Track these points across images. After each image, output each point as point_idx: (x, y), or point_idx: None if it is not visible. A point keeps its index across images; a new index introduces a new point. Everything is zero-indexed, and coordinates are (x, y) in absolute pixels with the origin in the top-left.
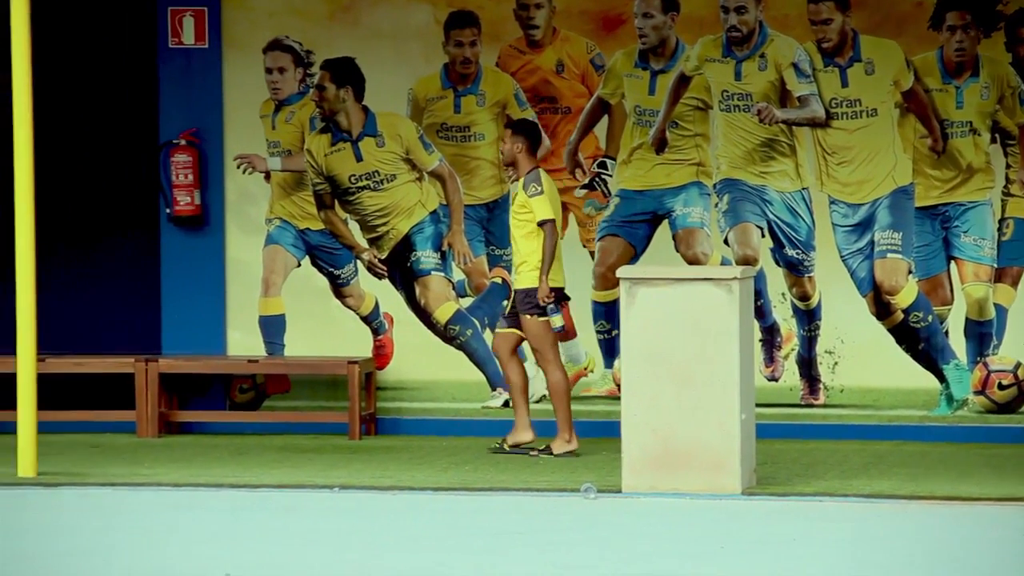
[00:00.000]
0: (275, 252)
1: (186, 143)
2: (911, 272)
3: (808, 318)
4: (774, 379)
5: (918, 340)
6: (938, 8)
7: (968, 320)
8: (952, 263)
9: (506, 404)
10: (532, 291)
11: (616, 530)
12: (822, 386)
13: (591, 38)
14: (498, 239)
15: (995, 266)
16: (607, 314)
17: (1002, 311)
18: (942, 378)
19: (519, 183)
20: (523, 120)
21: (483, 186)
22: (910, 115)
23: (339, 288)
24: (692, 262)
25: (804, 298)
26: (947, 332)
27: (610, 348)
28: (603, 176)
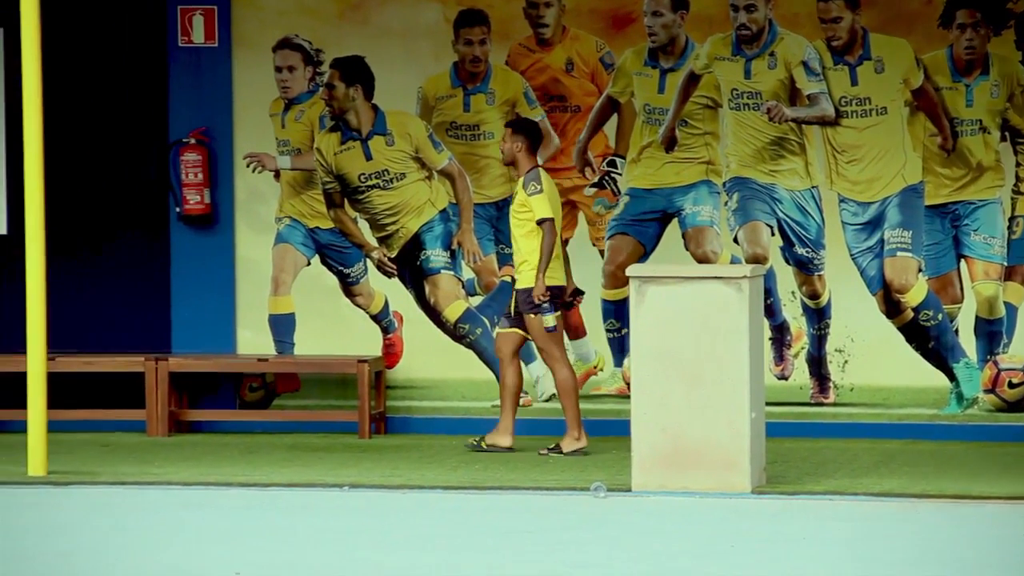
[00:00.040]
0: (285, 251)
1: (196, 142)
2: (921, 270)
3: (818, 317)
4: (784, 378)
5: (928, 338)
6: (948, 6)
7: (978, 318)
8: (962, 261)
9: None
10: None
11: (626, 529)
12: (832, 385)
13: (601, 36)
14: (507, 238)
15: (1005, 264)
16: (617, 313)
17: (1012, 309)
18: (952, 376)
19: (519, 182)
20: (523, 119)
21: (492, 185)
22: (920, 113)
23: (349, 287)
24: (702, 261)
25: (814, 296)
26: (957, 330)
27: (620, 347)
28: (613, 175)
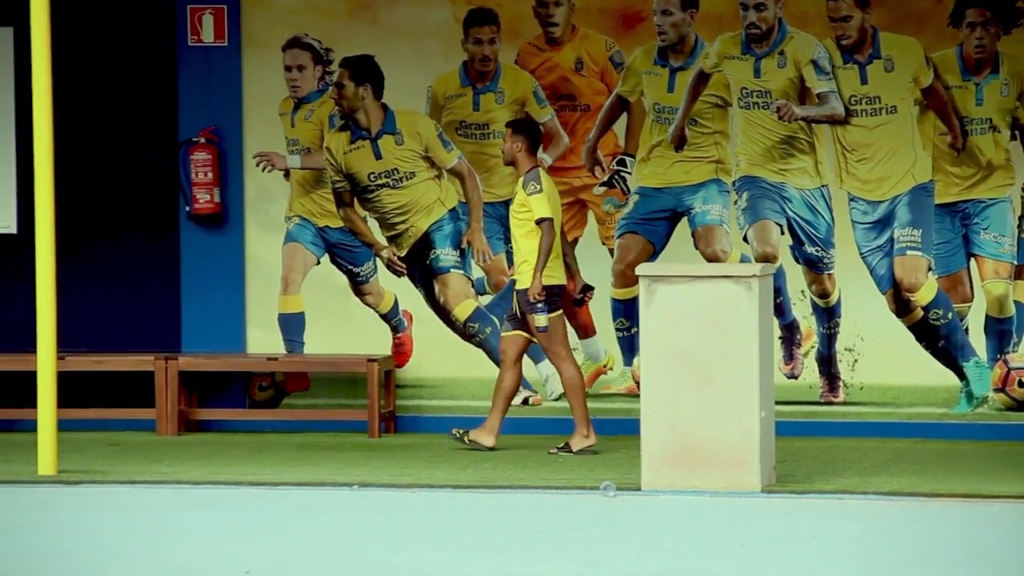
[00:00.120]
0: (294, 250)
1: (206, 141)
2: (931, 269)
3: (828, 315)
4: (794, 376)
5: (938, 337)
6: (958, 5)
7: (988, 317)
8: (972, 260)
9: (525, 402)
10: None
11: (635, 528)
12: (842, 383)
13: (610, 35)
14: None
15: (1015, 263)
16: (626, 311)
17: (1022, 308)
18: (962, 375)
19: (519, 182)
20: (523, 119)
21: (502, 183)
22: (930, 112)
23: (358, 286)
24: (711, 259)
25: (824, 295)
26: (967, 329)
27: (629, 345)
28: (622, 174)
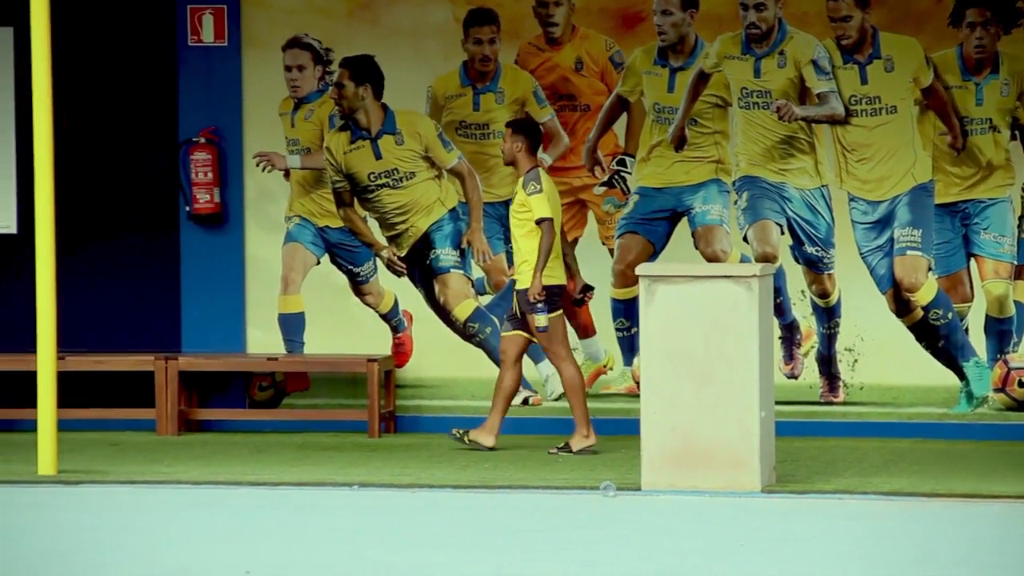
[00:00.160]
0: (294, 250)
1: (205, 141)
2: (931, 269)
3: (828, 315)
4: (794, 377)
5: (938, 337)
6: (958, 5)
7: (988, 317)
8: (972, 260)
9: (525, 402)
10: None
11: (635, 528)
12: (842, 383)
13: (610, 35)
14: None
15: (1015, 263)
16: (626, 311)
17: (1022, 308)
18: (962, 375)
19: (519, 182)
20: (523, 119)
21: (502, 183)
22: (930, 112)
23: (358, 286)
24: (711, 259)
25: (824, 295)
26: (967, 329)
27: (629, 346)
28: (622, 173)
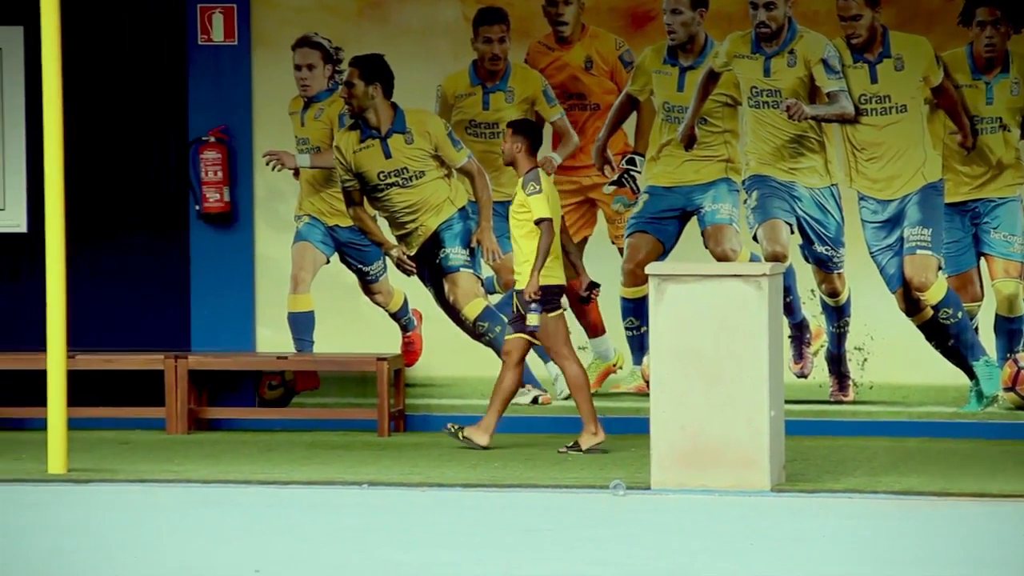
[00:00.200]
0: (304, 249)
1: (215, 140)
2: (941, 268)
3: (837, 314)
4: (803, 376)
5: (948, 336)
6: (968, 4)
7: (998, 316)
8: (982, 259)
9: (535, 401)
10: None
11: (645, 527)
12: (851, 382)
13: (620, 34)
14: None
15: None
16: (636, 311)
17: None
18: (972, 374)
19: (519, 182)
20: (523, 120)
21: (511, 183)
22: (940, 111)
23: (368, 285)
24: (721, 258)
25: (833, 294)
26: (977, 328)
27: (639, 345)
28: (632, 173)
